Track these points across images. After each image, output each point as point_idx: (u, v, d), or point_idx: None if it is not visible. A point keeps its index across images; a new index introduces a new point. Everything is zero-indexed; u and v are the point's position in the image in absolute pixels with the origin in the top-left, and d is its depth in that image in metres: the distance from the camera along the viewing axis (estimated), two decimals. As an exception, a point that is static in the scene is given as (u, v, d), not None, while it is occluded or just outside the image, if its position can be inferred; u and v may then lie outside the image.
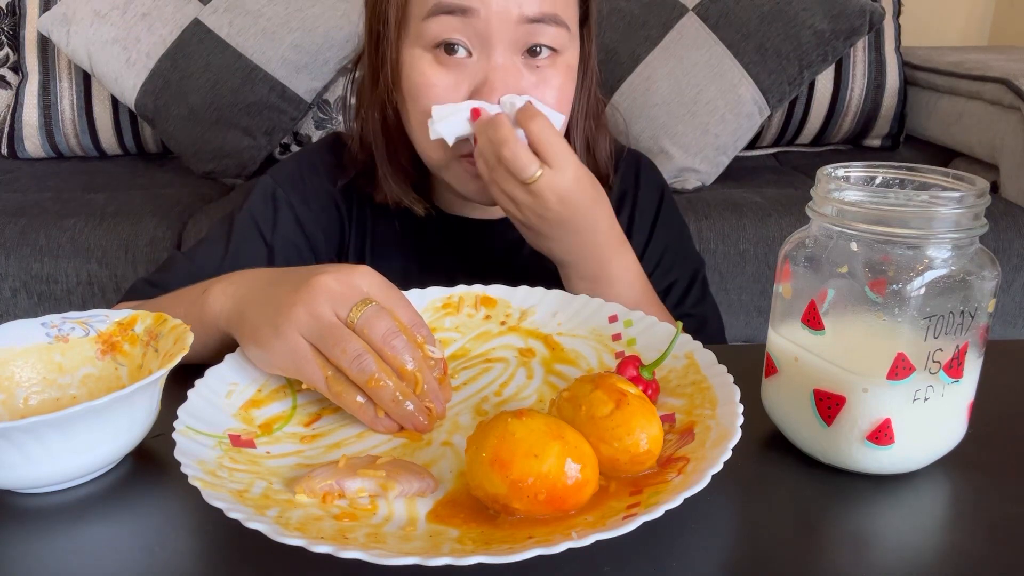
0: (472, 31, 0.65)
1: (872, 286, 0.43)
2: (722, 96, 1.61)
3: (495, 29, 0.65)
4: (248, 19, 1.64)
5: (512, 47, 0.66)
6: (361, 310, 0.48)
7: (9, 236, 1.39)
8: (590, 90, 0.79)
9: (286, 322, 0.48)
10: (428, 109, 0.67)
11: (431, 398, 0.49)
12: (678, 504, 0.37)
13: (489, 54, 0.66)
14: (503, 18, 0.65)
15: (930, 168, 0.47)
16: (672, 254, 0.84)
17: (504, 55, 0.66)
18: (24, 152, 1.81)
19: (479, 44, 0.66)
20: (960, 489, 0.46)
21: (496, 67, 0.66)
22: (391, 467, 0.43)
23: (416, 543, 0.38)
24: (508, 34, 0.65)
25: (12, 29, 1.82)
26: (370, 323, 0.47)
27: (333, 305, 0.48)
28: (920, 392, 0.44)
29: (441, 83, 0.67)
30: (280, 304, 0.49)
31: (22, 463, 0.42)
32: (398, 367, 0.48)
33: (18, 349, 0.51)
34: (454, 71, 0.67)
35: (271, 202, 0.77)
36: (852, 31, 1.64)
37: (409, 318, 0.51)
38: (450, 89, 0.67)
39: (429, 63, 0.67)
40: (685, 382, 0.51)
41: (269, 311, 0.49)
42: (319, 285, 0.48)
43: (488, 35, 0.65)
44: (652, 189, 0.86)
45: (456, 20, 0.65)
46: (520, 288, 0.63)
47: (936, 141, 1.86)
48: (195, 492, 0.39)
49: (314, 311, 0.47)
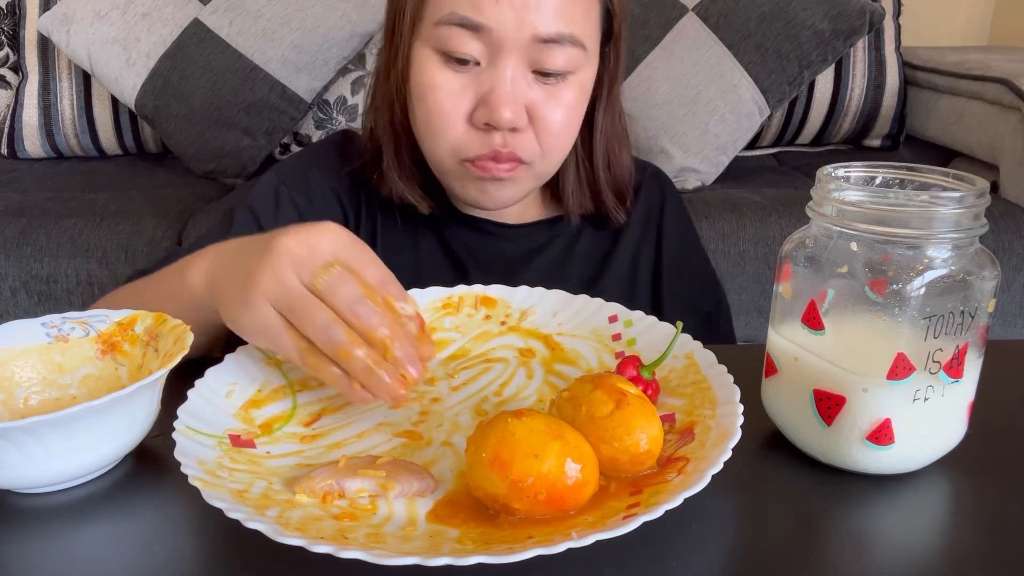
0: (483, 44, 0.64)
1: (872, 286, 0.43)
2: (722, 96, 1.61)
3: (507, 45, 0.64)
4: (248, 19, 1.64)
5: (523, 62, 0.65)
6: (325, 275, 0.46)
7: (9, 236, 1.39)
8: (615, 110, 0.78)
9: (253, 292, 0.46)
10: (433, 110, 0.67)
11: (406, 363, 0.46)
12: (678, 504, 0.37)
13: (498, 65, 0.65)
14: (516, 36, 0.64)
15: (930, 168, 0.47)
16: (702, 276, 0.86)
17: (514, 68, 0.65)
18: (24, 152, 1.81)
19: (489, 55, 0.65)
20: (960, 489, 0.46)
21: (504, 79, 0.65)
22: (391, 467, 0.43)
23: (416, 543, 0.38)
24: (520, 50, 0.64)
25: (12, 29, 1.82)
26: (334, 290, 0.46)
27: (297, 270, 0.46)
28: (920, 392, 0.44)
29: (447, 87, 0.66)
30: (247, 273, 0.47)
31: (22, 463, 0.42)
32: (367, 335, 0.46)
33: (18, 349, 0.51)
34: (462, 77, 0.66)
35: (273, 197, 0.76)
36: (852, 31, 1.64)
37: (377, 276, 0.48)
38: (456, 95, 0.66)
39: (437, 65, 0.66)
40: (685, 382, 0.51)
41: (238, 281, 0.48)
42: (281, 249, 0.46)
43: (499, 48, 0.64)
44: (679, 212, 0.86)
45: (468, 33, 0.64)
46: (520, 288, 0.63)
47: (936, 141, 1.85)
48: (195, 492, 0.39)
49: (279, 278, 0.46)
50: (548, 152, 0.70)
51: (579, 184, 0.79)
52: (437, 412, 0.52)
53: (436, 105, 0.67)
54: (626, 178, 0.81)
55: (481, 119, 0.66)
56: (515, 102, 0.65)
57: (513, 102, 0.65)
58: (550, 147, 0.69)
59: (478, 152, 0.67)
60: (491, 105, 0.65)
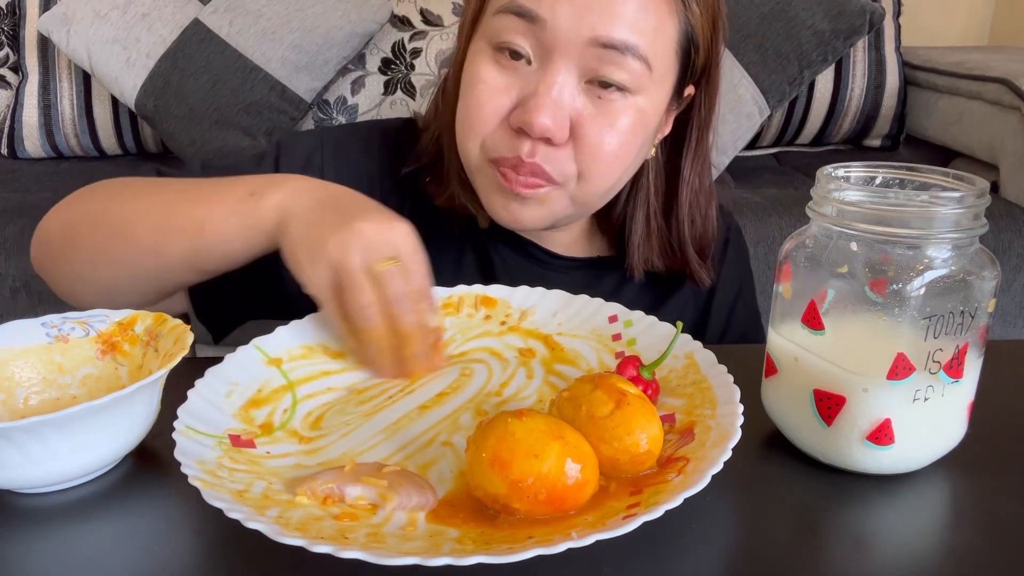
0: (536, 40, 0.59)
1: (872, 286, 0.43)
2: (722, 96, 1.61)
3: (560, 43, 0.58)
4: (248, 19, 1.64)
5: (576, 66, 0.59)
6: (386, 266, 0.52)
7: (9, 236, 1.39)
8: (704, 162, 0.72)
9: (320, 254, 0.52)
10: (472, 103, 0.63)
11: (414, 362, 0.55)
12: (678, 504, 0.37)
13: (548, 66, 0.59)
14: (572, 35, 0.58)
15: (930, 168, 0.47)
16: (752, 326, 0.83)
17: (565, 73, 0.59)
18: (24, 152, 1.81)
19: (541, 54, 0.60)
20: (960, 489, 0.46)
21: (551, 82, 0.59)
22: (395, 477, 0.43)
23: (416, 543, 0.38)
24: (575, 53, 0.59)
25: (12, 29, 1.82)
26: (387, 281, 0.52)
27: (364, 254, 0.51)
28: (920, 392, 0.44)
29: (492, 82, 0.61)
30: (321, 234, 0.53)
31: (22, 463, 0.42)
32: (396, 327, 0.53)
33: (18, 349, 0.51)
34: (508, 74, 0.61)
35: (303, 162, 0.72)
36: (852, 31, 1.64)
37: (422, 287, 0.54)
38: (499, 91, 0.61)
39: (487, 59, 0.62)
40: (685, 382, 0.51)
41: (312, 235, 0.53)
42: (358, 231, 0.52)
43: (553, 48, 0.59)
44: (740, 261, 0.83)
45: (522, 24, 0.59)
46: (520, 288, 0.63)
47: (936, 141, 1.85)
48: (195, 492, 0.39)
49: (347, 254, 0.51)
50: (587, 176, 0.63)
51: (648, 237, 0.73)
52: (437, 412, 0.52)
53: (475, 99, 0.62)
54: (710, 236, 0.74)
55: (517, 120, 0.61)
56: (558, 111, 0.59)
57: (555, 110, 0.59)
58: (591, 171, 0.62)
59: (502, 153, 0.62)
60: (529, 108, 0.59)
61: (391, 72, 1.75)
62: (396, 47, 1.75)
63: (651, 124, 0.65)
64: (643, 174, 0.72)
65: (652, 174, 0.72)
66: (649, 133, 0.65)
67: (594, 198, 0.67)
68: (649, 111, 0.63)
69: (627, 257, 0.73)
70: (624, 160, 0.64)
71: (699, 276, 0.74)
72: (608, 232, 0.76)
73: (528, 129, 0.60)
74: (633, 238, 0.73)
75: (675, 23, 0.62)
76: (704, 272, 0.74)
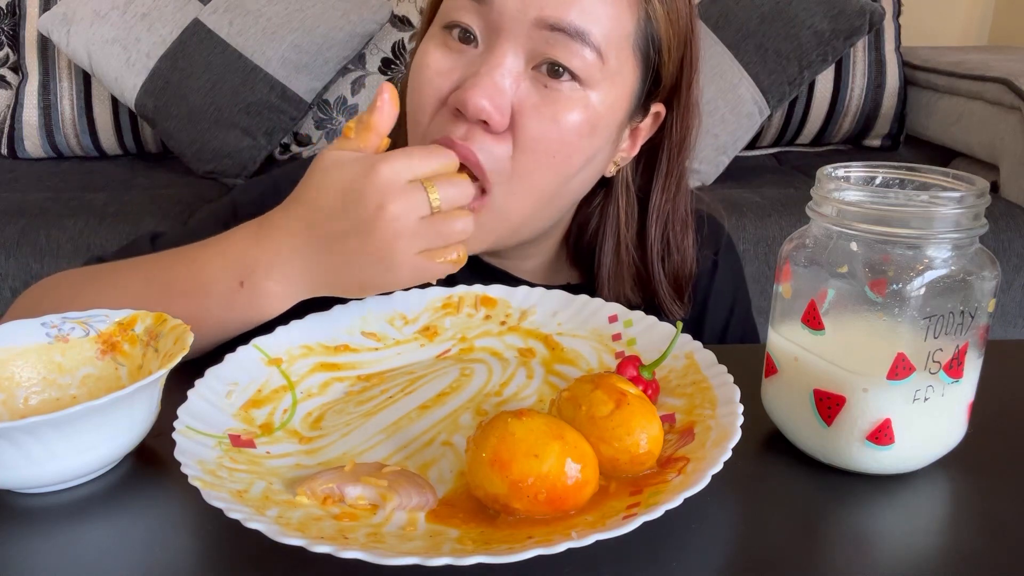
0: (484, 21, 0.57)
1: (872, 286, 0.43)
2: (722, 96, 1.61)
3: (507, 23, 0.55)
4: (248, 19, 1.64)
5: (523, 50, 0.56)
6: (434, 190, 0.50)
7: (9, 236, 1.39)
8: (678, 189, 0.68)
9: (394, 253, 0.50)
10: (416, 87, 0.59)
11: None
12: (678, 504, 0.37)
13: (493, 48, 0.56)
14: (519, 15, 0.55)
15: (930, 168, 0.47)
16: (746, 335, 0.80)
17: (511, 56, 0.56)
18: (24, 152, 1.81)
19: (487, 35, 0.57)
20: (960, 489, 0.46)
21: (493, 64, 0.55)
22: (395, 477, 0.43)
23: (416, 543, 0.38)
24: (521, 33, 0.56)
25: (12, 29, 1.82)
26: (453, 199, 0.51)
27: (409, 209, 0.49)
28: (920, 392, 0.44)
29: (435, 65, 0.58)
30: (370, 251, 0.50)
31: (22, 463, 0.42)
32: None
33: (18, 349, 0.51)
34: (454, 56, 0.58)
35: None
36: (852, 31, 1.64)
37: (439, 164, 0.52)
38: (440, 74, 0.58)
39: (436, 43, 0.59)
40: (685, 382, 0.51)
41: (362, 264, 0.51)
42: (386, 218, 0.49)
43: (498, 28, 0.56)
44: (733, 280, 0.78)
45: (471, 4, 0.56)
46: (520, 288, 0.63)
47: (936, 141, 1.86)
48: (195, 492, 0.39)
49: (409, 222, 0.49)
50: (519, 177, 0.58)
51: (618, 269, 0.69)
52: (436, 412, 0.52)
53: (417, 82, 0.59)
54: (687, 270, 0.70)
55: (454, 100, 0.56)
56: (497, 93, 0.55)
57: (495, 92, 0.55)
58: (525, 168, 0.57)
59: (435, 135, 0.58)
60: (466, 86, 0.55)
61: (391, 72, 1.75)
62: (396, 47, 1.76)
63: (602, 126, 0.59)
64: (611, 201, 0.68)
65: (623, 201, 0.68)
66: (601, 139, 0.60)
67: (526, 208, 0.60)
68: (601, 110, 0.58)
69: (597, 290, 0.69)
70: (566, 161, 0.58)
71: (669, 309, 0.70)
72: (577, 261, 0.73)
73: (463, 108, 0.55)
74: (603, 270, 0.68)
75: (633, 18, 0.58)
76: (677, 306, 0.70)
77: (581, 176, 0.62)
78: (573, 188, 0.63)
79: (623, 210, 0.68)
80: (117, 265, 0.60)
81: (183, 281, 0.55)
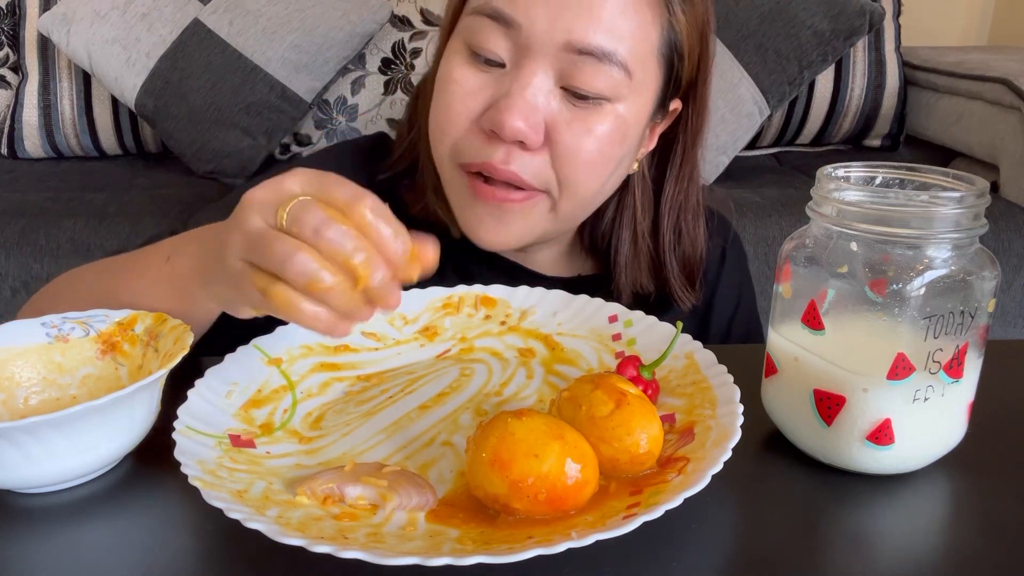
0: (511, 43, 0.57)
1: (872, 286, 0.43)
2: (722, 96, 1.61)
3: (535, 47, 0.57)
4: (248, 19, 1.64)
5: (552, 69, 0.57)
6: (288, 205, 0.41)
7: (9, 236, 1.39)
8: (690, 178, 0.69)
9: (226, 250, 0.43)
10: (441, 105, 0.60)
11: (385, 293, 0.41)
12: (678, 504, 0.37)
13: (522, 67, 0.57)
14: (547, 38, 0.56)
15: (930, 168, 0.47)
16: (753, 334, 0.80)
17: (540, 75, 0.57)
18: (24, 152, 1.81)
19: (516, 56, 0.58)
20: (960, 489, 0.46)
21: (524, 83, 0.57)
22: (395, 477, 0.43)
23: (416, 543, 0.38)
24: (550, 56, 0.57)
25: (12, 29, 1.82)
26: (297, 218, 0.40)
27: (263, 214, 0.42)
28: (920, 392, 0.44)
29: (464, 83, 0.59)
30: (221, 238, 0.44)
31: (22, 463, 0.42)
32: (341, 261, 0.40)
33: (18, 349, 0.51)
34: (482, 76, 0.59)
35: None
36: (852, 31, 1.64)
37: (346, 194, 0.41)
38: (470, 93, 0.59)
39: (462, 60, 0.60)
40: (685, 382, 0.51)
41: (215, 246, 0.45)
42: (246, 201, 0.42)
43: (527, 50, 0.57)
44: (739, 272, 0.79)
45: (498, 28, 0.57)
46: (520, 288, 0.63)
47: (936, 141, 1.85)
48: (195, 492, 0.39)
49: (245, 227, 0.42)
50: (568, 183, 0.60)
51: (635, 258, 0.70)
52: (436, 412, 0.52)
53: (446, 100, 0.60)
54: (698, 257, 0.71)
55: (488, 122, 0.58)
56: (531, 113, 0.57)
57: (529, 112, 0.56)
58: (569, 179, 0.60)
59: (472, 157, 0.59)
60: (500, 108, 0.57)
61: (391, 72, 1.75)
62: (396, 47, 1.75)
63: (631, 133, 0.62)
64: (628, 192, 0.69)
65: (638, 191, 0.70)
66: (630, 144, 0.62)
67: (578, 209, 0.64)
68: (629, 119, 0.60)
69: (614, 279, 0.71)
70: (603, 169, 0.61)
71: (681, 297, 0.71)
72: (592, 251, 0.74)
73: (499, 131, 0.57)
74: (619, 259, 0.70)
75: (658, 29, 0.60)
76: (688, 294, 0.72)
77: (613, 179, 0.65)
78: (607, 189, 0.66)
79: (639, 200, 0.70)
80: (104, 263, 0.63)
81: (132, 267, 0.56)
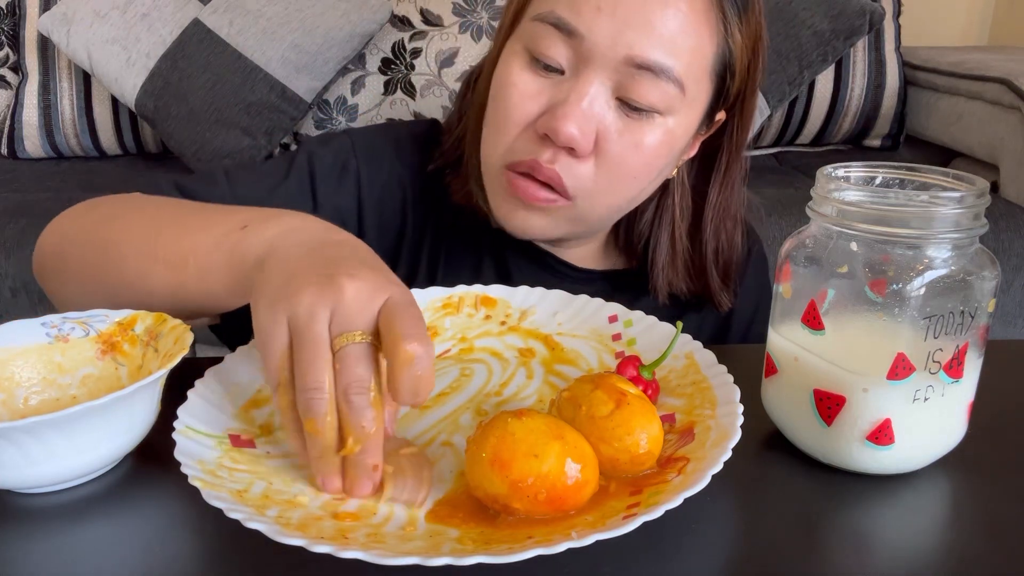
0: (572, 51, 0.59)
1: (872, 286, 0.43)
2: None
3: (596, 58, 0.58)
4: (248, 19, 1.64)
5: (610, 80, 0.59)
6: (350, 340, 0.40)
7: (9, 236, 1.39)
8: (733, 186, 0.71)
9: (284, 300, 0.41)
10: (502, 107, 0.62)
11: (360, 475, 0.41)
12: (678, 504, 0.37)
13: (580, 76, 0.59)
14: (608, 52, 0.58)
15: (930, 168, 0.47)
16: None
17: (597, 84, 0.59)
18: (24, 152, 1.81)
19: (575, 64, 0.60)
20: (960, 489, 0.46)
21: (582, 92, 0.59)
22: (403, 464, 0.43)
23: (416, 543, 0.38)
24: (609, 68, 0.59)
25: (12, 29, 1.82)
26: (347, 362, 0.40)
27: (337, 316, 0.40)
28: (920, 392, 0.44)
29: (523, 87, 0.61)
30: (297, 277, 0.42)
31: (22, 463, 0.42)
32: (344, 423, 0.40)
33: (18, 349, 0.51)
34: (541, 81, 0.61)
35: (340, 168, 0.70)
36: (852, 31, 1.64)
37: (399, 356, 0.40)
38: (528, 96, 0.61)
39: (522, 63, 0.61)
40: (685, 382, 0.51)
41: (285, 276, 0.43)
42: (337, 287, 0.41)
43: (588, 60, 0.59)
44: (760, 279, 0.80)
45: (559, 36, 0.59)
46: (520, 288, 0.63)
47: (936, 141, 1.86)
48: (195, 492, 0.39)
49: (314, 311, 0.40)
50: (600, 192, 0.63)
51: (672, 259, 0.72)
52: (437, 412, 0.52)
53: (504, 102, 0.62)
54: (735, 260, 0.74)
55: (543, 126, 0.60)
56: (586, 121, 0.59)
57: (583, 120, 0.59)
58: (606, 188, 0.62)
59: (521, 156, 0.62)
60: (557, 115, 0.59)
61: (391, 72, 1.75)
62: (396, 47, 1.75)
63: (678, 146, 0.64)
64: (668, 195, 0.71)
65: (678, 195, 0.71)
66: (674, 155, 0.64)
67: (597, 215, 0.66)
68: (678, 133, 0.62)
69: (651, 278, 0.72)
70: (645, 178, 0.64)
71: (719, 299, 0.73)
72: (627, 247, 0.76)
73: (554, 136, 0.59)
74: (658, 259, 0.72)
75: (714, 47, 0.61)
76: (726, 296, 0.74)
77: (651, 187, 0.67)
78: (643, 196, 0.68)
79: (678, 204, 0.72)
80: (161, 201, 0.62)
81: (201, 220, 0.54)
